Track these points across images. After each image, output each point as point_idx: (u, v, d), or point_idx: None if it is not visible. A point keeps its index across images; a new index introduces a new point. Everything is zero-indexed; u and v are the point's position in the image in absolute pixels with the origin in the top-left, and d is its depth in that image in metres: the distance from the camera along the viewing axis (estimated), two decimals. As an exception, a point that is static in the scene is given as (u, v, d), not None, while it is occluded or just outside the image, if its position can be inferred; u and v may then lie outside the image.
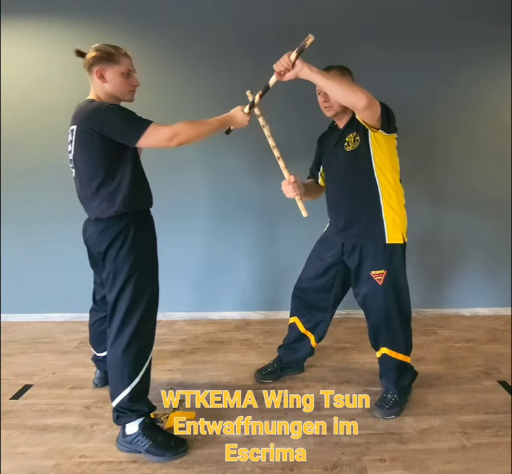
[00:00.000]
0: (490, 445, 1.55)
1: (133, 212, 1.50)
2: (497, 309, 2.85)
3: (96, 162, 1.43)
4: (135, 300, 1.50)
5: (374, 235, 1.65)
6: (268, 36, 2.49)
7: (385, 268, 1.64)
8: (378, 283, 1.66)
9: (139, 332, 1.51)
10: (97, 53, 1.44)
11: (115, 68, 1.45)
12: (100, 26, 2.50)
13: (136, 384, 1.50)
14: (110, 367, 1.53)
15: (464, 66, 2.58)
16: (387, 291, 1.67)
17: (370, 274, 1.67)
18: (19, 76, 2.55)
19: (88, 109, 1.40)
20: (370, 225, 1.65)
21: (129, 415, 1.50)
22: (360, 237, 1.69)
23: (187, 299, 2.79)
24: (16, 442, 1.59)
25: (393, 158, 1.65)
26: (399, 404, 1.74)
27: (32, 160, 2.60)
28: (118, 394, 1.50)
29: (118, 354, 1.49)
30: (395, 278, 1.66)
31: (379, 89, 2.56)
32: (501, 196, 2.73)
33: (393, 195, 1.63)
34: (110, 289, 1.51)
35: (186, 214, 2.68)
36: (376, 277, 1.66)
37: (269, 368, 2.04)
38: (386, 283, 1.66)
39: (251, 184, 2.67)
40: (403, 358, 1.74)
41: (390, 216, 1.63)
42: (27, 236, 2.70)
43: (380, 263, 1.65)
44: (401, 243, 1.65)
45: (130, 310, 1.49)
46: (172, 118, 1.66)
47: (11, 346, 2.43)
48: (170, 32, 2.51)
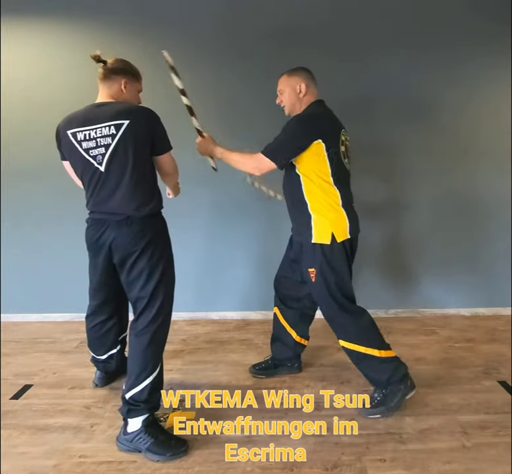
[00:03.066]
0: (490, 445, 1.55)
1: (160, 211, 1.67)
2: (497, 309, 2.85)
3: (140, 158, 1.52)
4: (168, 295, 1.63)
5: (305, 235, 1.74)
6: (267, 37, 2.49)
7: (314, 267, 1.73)
8: (311, 280, 1.75)
9: (164, 326, 1.62)
10: (126, 67, 1.62)
11: (135, 85, 1.67)
12: (100, 26, 2.50)
13: (156, 375, 1.57)
14: (133, 359, 1.56)
15: (463, 65, 2.59)
16: (321, 287, 1.74)
17: (308, 271, 1.76)
18: (19, 75, 2.56)
19: (144, 110, 1.54)
20: (302, 227, 1.76)
21: (142, 408, 1.52)
22: (297, 237, 1.84)
23: (187, 299, 2.79)
24: (16, 442, 1.59)
25: (319, 164, 1.67)
26: (383, 403, 1.72)
27: (32, 160, 2.60)
28: (136, 385, 1.52)
29: (144, 346, 1.55)
30: (323, 276, 1.72)
31: (379, 89, 2.59)
32: (501, 196, 2.73)
33: (321, 200, 1.70)
34: (142, 287, 1.57)
35: (186, 214, 2.68)
36: (310, 274, 1.75)
37: (263, 364, 2.09)
38: (318, 280, 1.73)
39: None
40: (364, 350, 1.73)
41: (318, 219, 1.71)
42: (27, 236, 2.70)
43: (311, 262, 1.74)
44: (327, 243, 1.70)
45: (163, 304, 1.60)
46: (171, 120, 1.66)
47: (11, 346, 2.43)
48: (170, 32, 2.51)
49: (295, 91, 1.76)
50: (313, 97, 1.77)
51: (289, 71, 1.79)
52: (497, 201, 2.74)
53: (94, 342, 1.91)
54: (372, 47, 2.53)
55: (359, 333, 1.76)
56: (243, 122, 2.59)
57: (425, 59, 2.56)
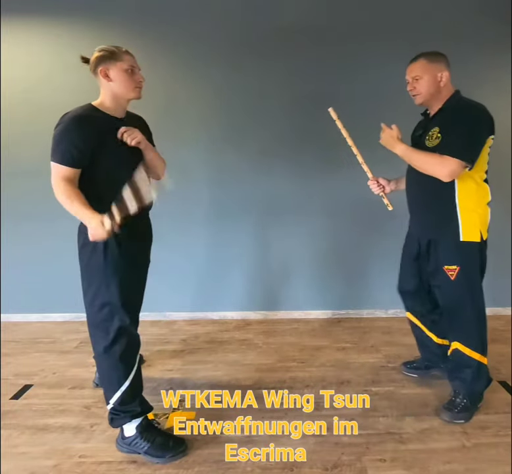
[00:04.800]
0: (490, 445, 1.55)
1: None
2: (497, 309, 2.85)
3: None
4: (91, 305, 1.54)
5: (447, 233, 1.63)
6: (269, 36, 2.49)
7: (458, 264, 1.63)
8: (450, 278, 1.65)
9: (94, 338, 1.52)
10: (99, 53, 1.46)
11: (118, 66, 1.45)
12: (100, 26, 2.50)
13: (125, 389, 1.48)
14: (99, 371, 1.55)
15: (463, 65, 2.58)
16: (460, 286, 1.65)
17: (444, 268, 1.66)
18: (19, 76, 2.55)
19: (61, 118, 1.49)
20: (443, 224, 1.64)
21: (122, 417, 1.50)
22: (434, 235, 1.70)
23: (187, 299, 2.79)
24: (16, 442, 1.59)
25: (482, 159, 1.59)
26: (468, 409, 1.68)
27: (32, 160, 2.59)
28: (109, 398, 1.50)
29: (97, 361, 1.53)
30: (468, 274, 1.64)
31: (379, 89, 2.59)
32: (501, 196, 2.73)
33: (473, 196, 1.61)
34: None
35: (186, 214, 2.68)
36: (448, 272, 1.65)
37: (415, 363, 2.03)
38: (459, 278, 1.63)
39: (251, 184, 2.67)
40: (479, 357, 1.66)
41: (466, 215, 1.61)
42: (27, 235, 2.70)
43: (452, 259, 1.64)
44: (477, 241, 1.63)
45: (88, 316, 1.57)
46: (172, 118, 1.66)
47: (11, 346, 2.42)
48: (170, 32, 2.51)
49: (435, 80, 1.60)
50: (452, 86, 1.64)
51: (428, 56, 1.63)
52: (497, 200, 2.73)
53: None
54: (372, 48, 2.52)
55: (480, 339, 1.68)
56: (243, 121, 2.59)
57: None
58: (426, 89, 1.61)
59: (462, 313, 1.67)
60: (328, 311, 2.81)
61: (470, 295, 1.66)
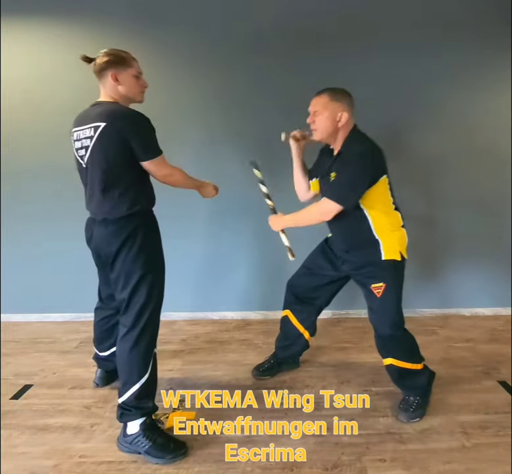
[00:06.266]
0: (490, 445, 1.56)
1: (140, 213, 1.55)
2: (497, 309, 2.85)
3: (113, 161, 1.46)
4: (148, 299, 1.55)
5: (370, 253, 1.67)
6: (269, 36, 2.49)
7: (383, 282, 1.66)
8: (377, 296, 1.68)
9: (146, 330, 1.55)
10: (109, 58, 1.51)
11: (128, 72, 1.53)
12: (100, 26, 2.50)
13: (145, 382, 1.53)
14: (119, 364, 1.56)
15: (463, 68, 2.58)
16: (385, 303, 1.68)
17: (371, 287, 1.69)
18: (19, 76, 2.55)
19: (124, 113, 1.46)
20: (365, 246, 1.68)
21: (133, 413, 1.51)
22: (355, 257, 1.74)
23: (187, 299, 2.79)
24: (16, 442, 1.59)
25: (383, 195, 1.64)
26: (422, 406, 1.73)
27: (32, 160, 2.60)
28: (125, 392, 1.52)
29: (126, 353, 1.53)
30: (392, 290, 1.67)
31: (378, 91, 2.59)
32: (501, 196, 2.73)
33: (385, 223, 1.66)
34: (123, 289, 1.55)
35: (186, 214, 2.68)
36: (375, 290, 1.68)
37: (266, 365, 2.08)
38: (385, 295, 1.67)
39: (250, 184, 2.67)
40: (410, 366, 1.72)
41: (384, 238, 1.66)
42: (27, 235, 2.70)
43: (378, 277, 1.67)
44: (398, 259, 1.66)
45: (143, 308, 1.55)
46: (172, 118, 1.67)
47: (11, 346, 2.43)
48: (170, 32, 2.51)
49: (333, 119, 1.60)
50: (351, 124, 1.65)
51: (331, 92, 1.62)
52: (497, 200, 2.74)
53: (100, 336, 1.92)
54: (372, 50, 2.52)
55: (408, 351, 1.74)
56: (243, 121, 2.59)
57: (425, 60, 2.55)
58: (323, 126, 1.62)
59: (389, 330, 1.70)
60: (328, 311, 2.81)
61: (396, 310, 1.70)
